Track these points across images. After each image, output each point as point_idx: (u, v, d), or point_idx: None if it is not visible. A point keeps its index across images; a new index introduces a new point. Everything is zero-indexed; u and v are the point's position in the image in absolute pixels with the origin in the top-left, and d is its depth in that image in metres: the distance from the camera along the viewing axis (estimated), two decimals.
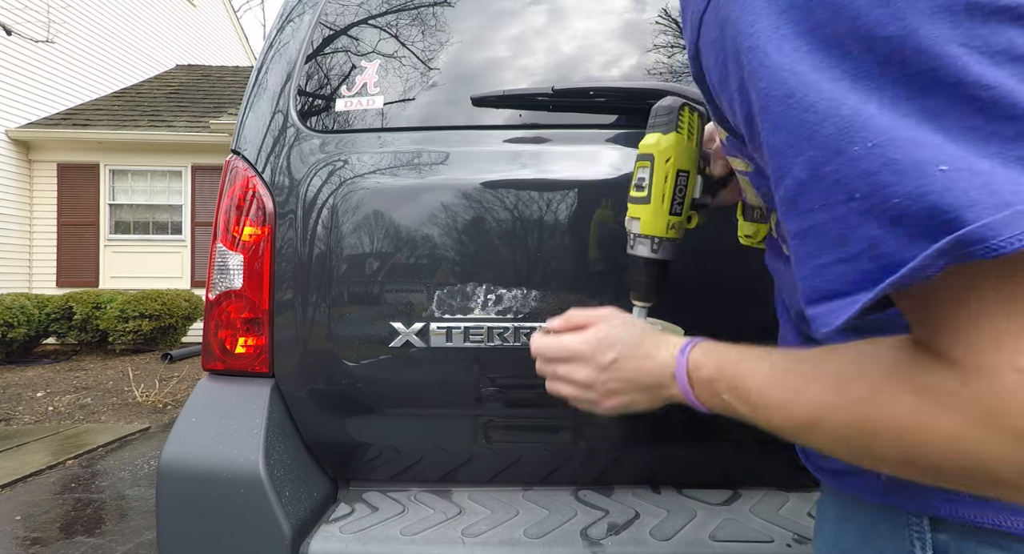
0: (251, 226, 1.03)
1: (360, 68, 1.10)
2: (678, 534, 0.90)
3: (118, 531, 2.56)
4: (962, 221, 0.24)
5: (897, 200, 0.25)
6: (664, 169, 0.66)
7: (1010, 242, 0.23)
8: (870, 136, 0.26)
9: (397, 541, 0.90)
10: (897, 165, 0.25)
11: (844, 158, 0.27)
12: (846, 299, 0.28)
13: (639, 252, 0.69)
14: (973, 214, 0.23)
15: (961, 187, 0.24)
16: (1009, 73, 0.24)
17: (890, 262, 0.26)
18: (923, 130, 0.25)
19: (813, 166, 0.28)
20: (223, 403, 1.01)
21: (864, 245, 0.27)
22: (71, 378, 5.87)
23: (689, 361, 0.48)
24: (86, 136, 8.17)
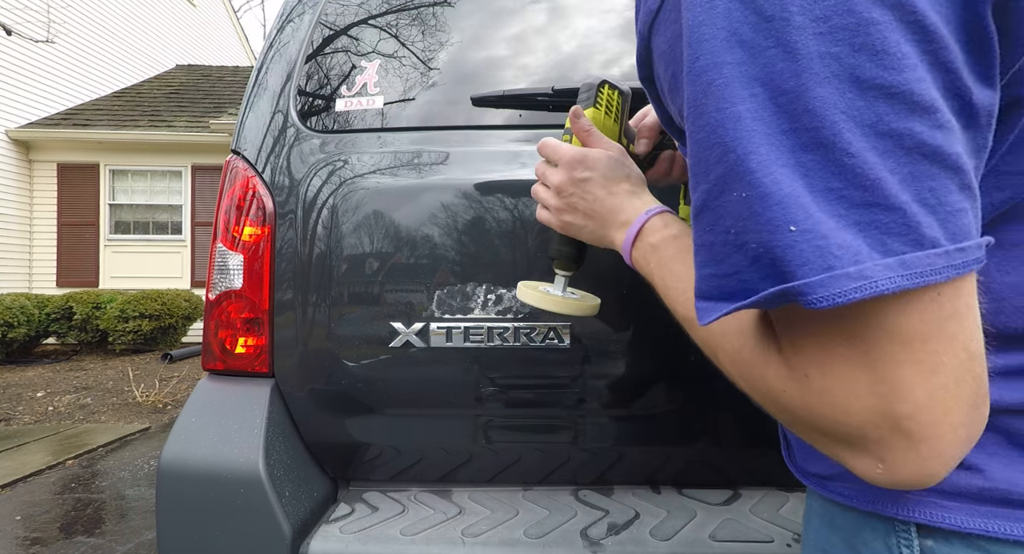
0: (251, 226, 1.03)
1: (360, 68, 1.10)
2: (678, 534, 0.90)
3: (118, 531, 2.56)
4: (793, 276, 0.28)
5: (755, 246, 0.30)
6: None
7: (822, 300, 0.27)
8: (745, 188, 0.29)
9: (397, 541, 0.90)
10: (759, 218, 0.29)
11: (726, 199, 0.31)
12: (718, 303, 0.33)
13: None
14: (802, 272, 0.28)
15: (800, 247, 0.28)
16: (870, 146, 0.27)
17: (747, 288, 0.31)
18: (795, 183, 0.28)
19: (707, 197, 0.33)
20: (223, 403, 1.01)
21: (733, 269, 0.31)
22: (71, 378, 5.87)
23: (646, 224, 0.54)
24: (86, 136, 8.17)
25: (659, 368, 0.99)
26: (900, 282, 0.27)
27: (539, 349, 0.98)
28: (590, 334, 0.97)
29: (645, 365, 0.99)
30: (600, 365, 0.99)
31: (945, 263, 0.27)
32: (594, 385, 1.00)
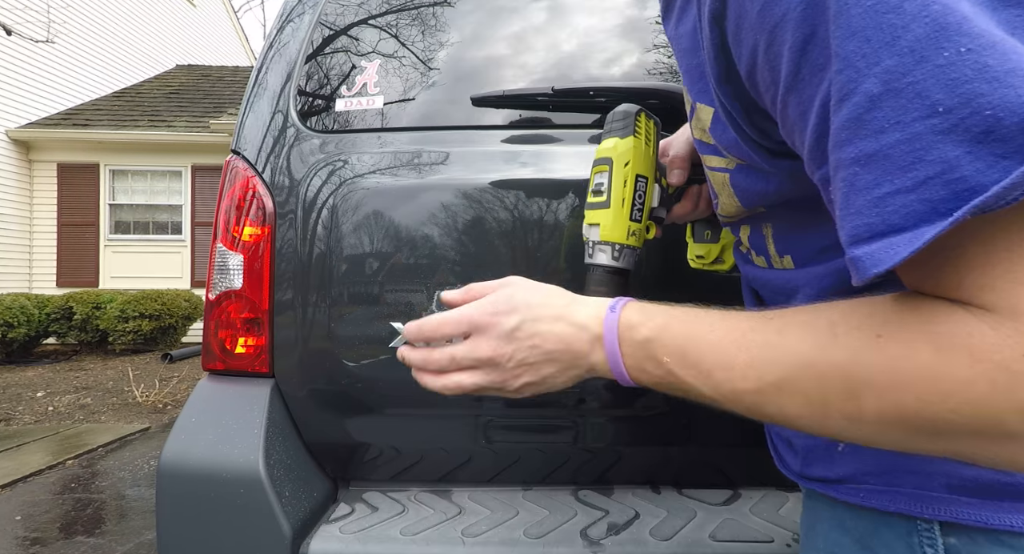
0: (251, 226, 1.03)
1: (360, 68, 1.10)
2: (678, 534, 0.90)
3: (118, 531, 2.56)
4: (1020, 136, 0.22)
5: (989, 112, 0.23)
6: (623, 173, 0.65)
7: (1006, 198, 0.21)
8: (964, 40, 0.23)
9: (397, 541, 0.90)
10: (992, 72, 0.23)
11: (929, 66, 0.24)
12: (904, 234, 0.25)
13: (599, 260, 0.67)
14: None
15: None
16: None
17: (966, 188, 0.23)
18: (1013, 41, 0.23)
19: (890, 78, 0.25)
20: (223, 403, 1.01)
21: (937, 169, 0.24)
22: (71, 378, 5.87)
23: (621, 320, 0.42)
24: (86, 136, 8.17)
25: None
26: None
27: None
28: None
29: None
30: None
31: None
32: (594, 385, 0.99)
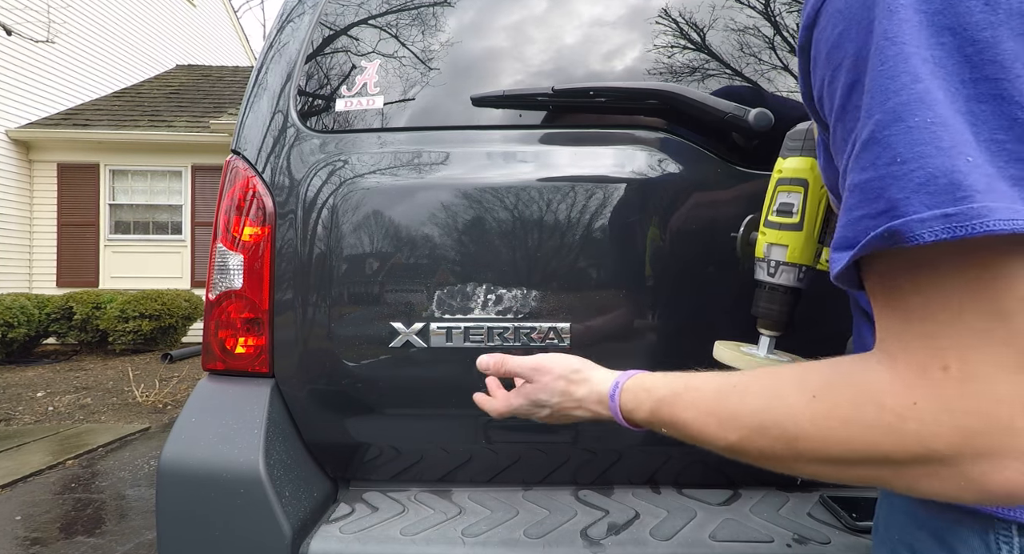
0: (251, 226, 1.03)
1: (360, 68, 1.10)
2: (678, 534, 0.90)
3: (118, 531, 2.56)
4: (972, 199, 0.28)
5: (931, 169, 0.29)
6: (819, 195, 0.63)
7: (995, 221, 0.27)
8: (930, 114, 0.30)
9: (397, 541, 0.90)
10: (941, 142, 0.29)
11: (900, 127, 0.31)
12: (857, 248, 0.32)
13: (783, 280, 0.67)
14: (980, 197, 0.28)
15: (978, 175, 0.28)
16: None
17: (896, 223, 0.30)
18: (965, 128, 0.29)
19: (876, 129, 0.32)
20: (223, 403, 1.01)
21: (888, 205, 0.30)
22: (71, 378, 5.87)
23: (621, 408, 0.57)
24: (86, 136, 8.17)
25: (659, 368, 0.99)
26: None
27: (539, 349, 0.98)
28: (590, 334, 0.97)
29: (645, 365, 0.99)
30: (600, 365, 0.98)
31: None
32: None
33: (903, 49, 0.31)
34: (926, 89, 0.30)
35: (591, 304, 0.97)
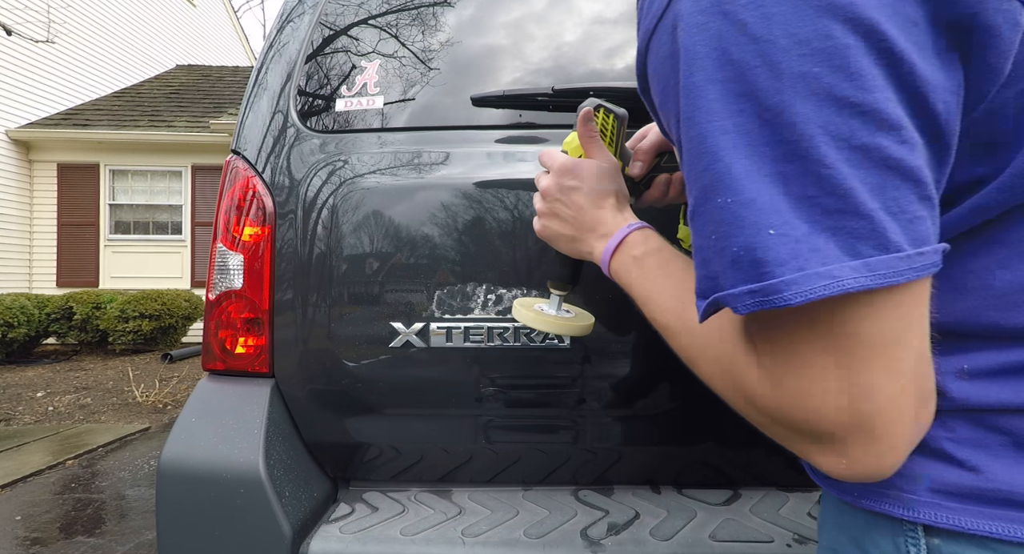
0: (251, 226, 1.03)
1: (360, 68, 1.10)
2: (678, 534, 0.90)
3: (118, 531, 2.56)
4: (771, 275, 0.31)
5: (736, 248, 0.32)
6: None
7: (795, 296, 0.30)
8: (730, 194, 0.32)
9: (397, 541, 0.90)
10: (740, 223, 0.32)
11: (712, 205, 0.33)
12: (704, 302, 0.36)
13: None
14: (779, 271, 0.30)
15: (778, 249, 0.30)
16: (844, 158, 0.29)
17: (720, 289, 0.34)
18: (774, 191, 0.31)
19: (696, 203, 0.35)
20: (223, 403, 1.01)
21: (715, 272, 0.34)
22: (71, 378, 5.87)
23: (627, 238, 0.56)
24: (86, 136, 8.17)
25: (659, 368, 0.99)
26: (865, 282, 0.29)
27: (539, 349, 0.98)
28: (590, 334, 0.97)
29: (645, 365, 0.99)
30: (600, 365, 0.99)
31: (906, 266, 0.30)
32: (594, 385, 1.00)
33: (702, 129, 0.33)
34: (726, 168, 0.32)
35: (591, 304, 0.97)
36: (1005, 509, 0.34)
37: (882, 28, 0.29)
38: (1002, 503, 0.34)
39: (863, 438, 0.32)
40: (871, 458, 0.33)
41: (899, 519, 0.38)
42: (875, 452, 0.33)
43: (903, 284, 0.30)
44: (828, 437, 0.33)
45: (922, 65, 0.29)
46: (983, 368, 0.36)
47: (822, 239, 0.30)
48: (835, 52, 0.29)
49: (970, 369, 0.36)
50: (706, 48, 0.32)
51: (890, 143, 0.29)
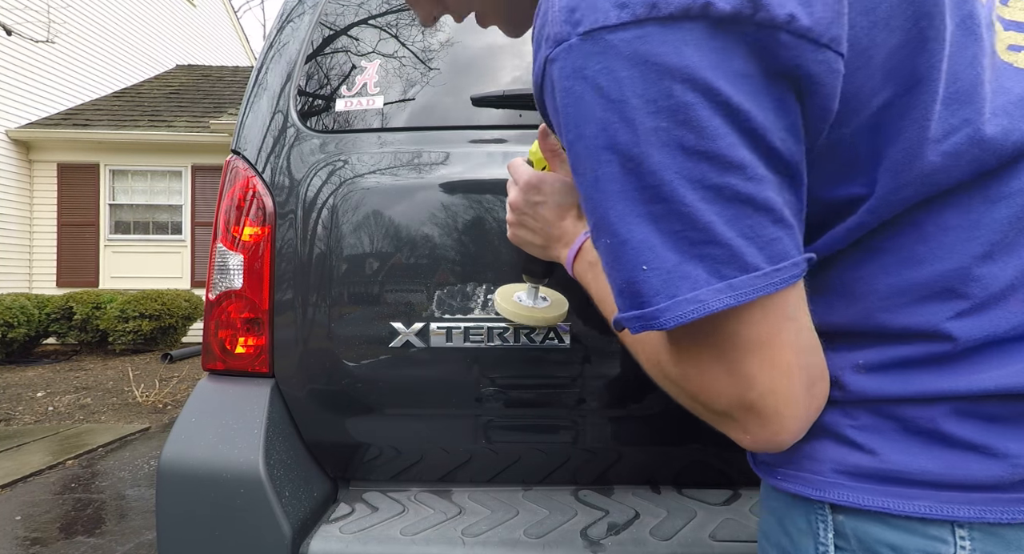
0: (251, 226, 1.03)
1: (360, 68, 1.10)
2: (678, 534, 0.90)
3: (118, 531, 2.56)
4: (648, 304, 0.36)
5: (620, 282, 0.38)
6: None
7: (668, 321, 0.35)
8: (609, 235, 0.37)
9: (397, 541, 0.90)
10: (620, 261, 0.37)
11: (600, 244, 0.39)
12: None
13: None
14: (654, 300, 0.35)
15: (652, 281, 0.35)
16: (700, 197, 0.34)
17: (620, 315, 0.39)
18: (647, 229, 0.35)
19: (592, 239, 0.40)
20: (223, 403, 1.01)
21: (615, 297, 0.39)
22: (71, 378, 5.87)
23: (584, 245, 0.61)
24: (86, 136, 8.17)
25: None
26: (728, 301, 0.34)
27: (539, 349, 0.98)
28: (590, 334, 0.97)
29: None
30: (600, 365, 0.99)
31: (765, 282, 0.34)
32: (594, 385, 1.00)
33: (583, 179, 0.38)
34: (604, 213, 0.37)
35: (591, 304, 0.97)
36: (897, 487, 0.38)
37: (716, 85, 0.33)
38: (894, 481, 0.38)
39: (755, 419, 0.38)
40: (767, 433, 0.39)
41: (810, 499, 0.42)
42: (768, 429, 0.38)
43: (765, 296, 0.35)
44: (731, 417, 0.39)
45: (756, 111, 0.33)
46: (875, 363, 0.40)
47: (691, 266, 0.35)
48: (678, 108, 0.33)
49: (864, 364, 0.40)
50: (574, 108, 0.36)
51: (738, 181, 0.34)
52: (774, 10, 0.32)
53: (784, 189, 0.36)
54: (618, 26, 0.33)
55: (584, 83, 0.35)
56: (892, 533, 0.39)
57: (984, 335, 0.37)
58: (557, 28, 0.36)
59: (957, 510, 0.37)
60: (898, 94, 0.36)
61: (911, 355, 0.39)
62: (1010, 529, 0.36)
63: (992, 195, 0.37)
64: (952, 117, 0.36)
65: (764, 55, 0.33)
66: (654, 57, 0.33)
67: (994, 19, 0.40)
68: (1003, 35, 0.40)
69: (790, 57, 0.33)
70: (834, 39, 0.33)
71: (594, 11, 0.34)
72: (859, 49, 0.35)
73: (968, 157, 0.36)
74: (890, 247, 0.39)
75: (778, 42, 0.33)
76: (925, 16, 0.35)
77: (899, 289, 0.39)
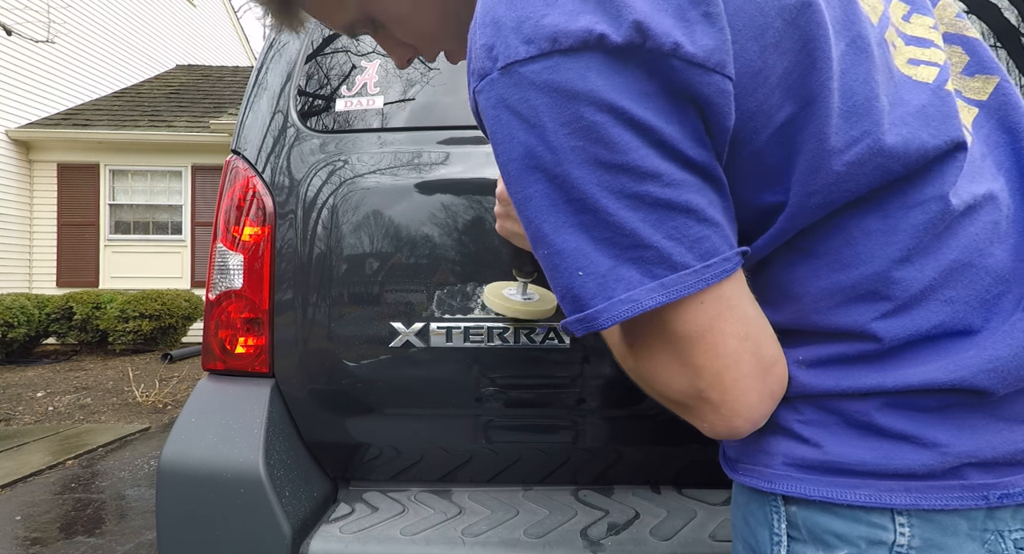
0: (251, 226, 1.03)
1: (360, 68, 1.10)
2: (678, 534, 0.90)
3: (118, 531, 2.56)
4: (587, 306, 0.39)
5: (560, 289, 0.40)
6: None
7: (606, 321, 0.38)
8: (545, 247, 0.40)
9: (397, 541, 0.90)
10: (558, 269, 0.40)
11: (539, 254, 0.41)
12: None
13: None
14: (592, 303, 0.38)
15: (588, 286, 0.38)
16: (623, 205, 0.37)
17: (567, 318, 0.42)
18: (579, 237, 0.38)
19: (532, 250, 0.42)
20: (223, 403, 1.01)
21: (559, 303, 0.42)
22: (71, 378, 5.87)
23: None
24: (86, 136, 8.17)
25: None
26: (660, 299, 0.37)
27: (539, 349, 0.98)
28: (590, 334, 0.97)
29: None
30: (600, 365, 0.99)
31: (695, 279, 0.37)
32: (594, 385, 1.00)
33: (516, 197, 0.40)
34: (538, 226, 0.39)
35: None
36: (840, 477, 0.41)
37: (621, 104, 0.36)
38: (837, 472, 0.41)
39: (708, 406, 0.40)
40: (721, 420, 0.41)
41: (764, 492, 0.45)
42: (722, 415, 0.41)
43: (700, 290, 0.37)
44: (688, 406, 0.42)
45: (662, 125, 0.36)
46: (813, 359, 0.42)
47: (625, 268, 0.37)
48: (590, 128, 0.36)
49: (804, 360, 0.43)
50: (501, 135, 0.39)
51: (656, 188, 0.36)
52: (660, 39, 0.35)
53: (705, 189, 0.38)
54: (527, 60, 0.36)
55: (507, 111, 0.38)
56: (837, 522, 0.41)
57: (908, 334, 0.39)
58: (480, 64, 0.39)
59: (895, 498, 0.39)
60: (797, 110, 0.38)
61: (845, 352, 0.41)
62: (945, 515, 0.39)
63: (908, 201, 0.39)
64: (852, 129, 0.38)
65: (660, 76, 0.36)
66: (563, 84, 0.36)
67: (893, 36, 0.43)
68: (904, 50, 0.43)
69: (682, 79, 0.36)
70: (720, 64, 0.36)
71: (507, 48, 0.37)
72: (753, 71, 0.38)
73: (872, 165, 0.38)
74: (820, 250, 0.42)
75: (670, 66, 0.36)
76: (811, 40, 0.38)
77: (828, 291, 0.41)
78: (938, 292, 0.39)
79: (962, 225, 0.40)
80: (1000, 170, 0.43)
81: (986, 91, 0.46)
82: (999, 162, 0.44)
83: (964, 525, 0.39)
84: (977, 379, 0.38)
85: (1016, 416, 0.39)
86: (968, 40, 0.48)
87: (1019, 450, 0.39)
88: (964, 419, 0.39)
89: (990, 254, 0.40)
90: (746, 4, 0.37)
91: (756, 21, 0.37)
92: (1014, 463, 0.39)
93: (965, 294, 0.39)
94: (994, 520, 0.39)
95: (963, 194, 0.40)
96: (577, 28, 0.35)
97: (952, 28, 0.49)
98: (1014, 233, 0.41)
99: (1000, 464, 0.39)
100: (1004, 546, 0.39)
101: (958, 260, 0.39)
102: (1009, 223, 0.41)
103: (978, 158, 0.43)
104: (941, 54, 0.43)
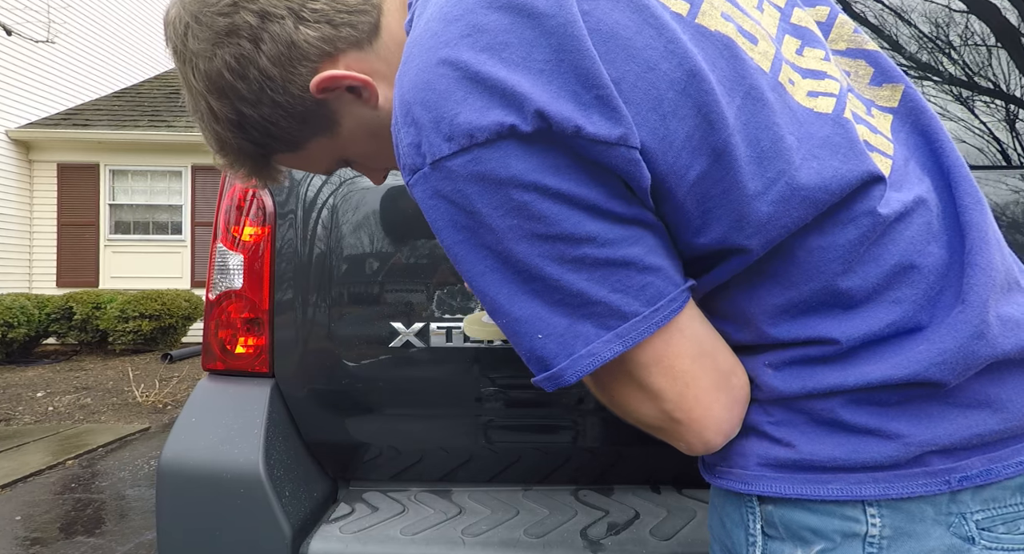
0: (251, 226, 1.03)
1: None
2: (678, 534, 0.90)
3: (118, 531, 2.57)
4: (551, 365, 0.42)
5: (524, 351, 0.44)
6: None
7: (571, 377, 0.41)
8: (503, 316, 0.43)
9: (397, 541, 0.90)
10: (519, 335, 0.43)
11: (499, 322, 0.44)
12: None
13: None
14: (555, 362, 0.42)
15: (549, 346, 0.42)
16: (566, 269, 0.40)
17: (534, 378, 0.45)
18: (533, 303, 0.41)
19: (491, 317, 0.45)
20: (223, 403, 1.01)
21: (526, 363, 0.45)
22: (71, 378, 5.87)
23: None
24: (86, 136, 8.17)
25: None
26: (617, 349, 0.40)
27: None
28: None
29: None
30: None
31: (646, 324, 0.40)
32: None
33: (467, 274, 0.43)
34: (493, 298, 0.42)
35: None
36: (811, 473, 0.43)
37: (544, 182, 0.39)
38: (808, 469, 0.43)
39: (679, 426, 0.44)
40: (694, 436, 0.44)
41: (740, 493, 0.47)
42: (693, 432, 0.44)
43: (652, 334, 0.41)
44: (663, 430, 0.45)
45: (585, 192, 0.39)
46: (778, 361, 0.45)
47: (580, 325, 0.41)
48: (521, 207, 0.39)
49: (771, 363, 0.45)
50: (441, 222, 0.42)
51: (592, 249, 0.40)
52: (563, 124, 0.38)
53: (643, 238, 0.41)
54: (451, 155, 0.39)
55: (443, 201, 0.41)
56: (813, 517, 0.43)
57: (863, 335, 0.42)
58: (410, 160, 0.41)
59: (864, 489, 0.42)
60: (708, 166, 0.41)
61: (808, 354, 0.44)
62: (912, 502, 0.41)
63: (841, 219, 0.42)
64: (767, 172, 0.41)
65: (571, 152, 0.39)
66: (488, 173, 0.39)
67: (789, 73, 0.45)
68: (802, 84, 0.45)
69: (591, 154, 0.39)
70: (621, 138, 0.39)
71: (431, 146, 0.40)
72: (659, 137, 0.40)
73: (796, 200, 0.41)
74: (770, 271, 0.44)
75: (578, 144, 0.38)
76: (704, 105, 0.40)
77: (782, 307, 0.44)
78: (885, 294, 0.42)
79: (897, 230, 0.42)
80: (924, 171, 0.46)
81: (895, 98, 0.49)
82: (922, 163, 0.47)
83: (930, 511, 0.41)
84: (929, 372, 0.40)
85: (968, 403, 0.42)
86: (869, 53, 0.51)
87: (974, 434, 0.41)
88: (922, 410, 0.42)
89: (929, 253, 0.42)
90: (639, 81, 0.40)
91: (651, 94, 0.40)
92: (970, 447, 0.41)
93: (911, 293, 0.42)
94: (956, 503, 0.41)
95: (892, 203, 0.42)
96: (489, 122, 0.38)
97: (853, 44, 0.52)
98: (946, 229, 0.43)
99: (958, 449, 0.41)
100: (967, 528, 0.41)
101: (899, 263, 0.42)
102: (940, 221, 0.44)
103: (902, 164, 0.45)
104: (835, 84, 0.46)
